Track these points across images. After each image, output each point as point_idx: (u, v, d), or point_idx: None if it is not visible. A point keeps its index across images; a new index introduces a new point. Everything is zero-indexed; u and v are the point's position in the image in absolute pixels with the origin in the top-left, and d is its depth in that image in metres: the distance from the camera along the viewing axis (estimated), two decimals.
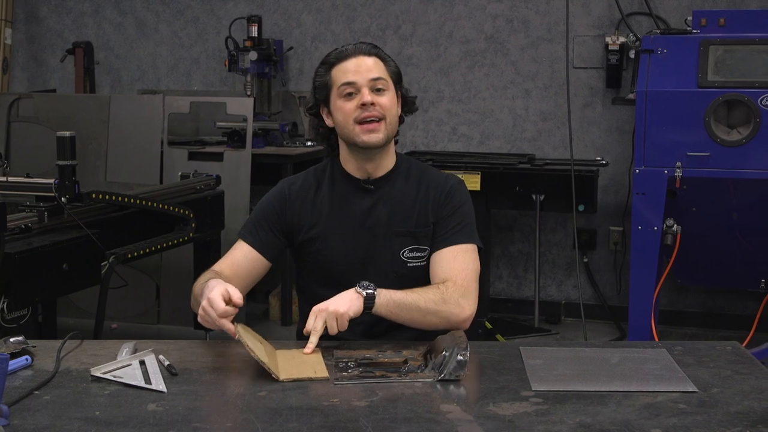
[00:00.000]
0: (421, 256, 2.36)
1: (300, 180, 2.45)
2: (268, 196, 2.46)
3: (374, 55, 2.35)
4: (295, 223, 2.39)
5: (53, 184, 3.36)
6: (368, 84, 2.30)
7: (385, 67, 2.35)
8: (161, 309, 5.05)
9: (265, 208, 2.42)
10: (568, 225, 5.23)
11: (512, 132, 5.38)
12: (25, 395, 1.79)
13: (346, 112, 2.32)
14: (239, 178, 4.93)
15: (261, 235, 2.38)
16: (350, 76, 2.31)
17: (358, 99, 2.30)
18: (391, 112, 2.33)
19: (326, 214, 2.38)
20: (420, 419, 1.69)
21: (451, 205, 2.37)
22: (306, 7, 5.64)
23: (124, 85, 6.01)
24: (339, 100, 2.33)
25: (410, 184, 2.40)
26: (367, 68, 2.32)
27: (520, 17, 5.31)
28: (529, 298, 5.32)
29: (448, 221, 2.35)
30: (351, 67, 2.32)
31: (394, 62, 2.41)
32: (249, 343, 1.93)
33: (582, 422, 1.68)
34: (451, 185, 2.40)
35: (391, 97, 2.34)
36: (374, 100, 2.30)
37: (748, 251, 4.41)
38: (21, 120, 5.31)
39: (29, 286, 3.06)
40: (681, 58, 4.20)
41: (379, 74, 2.32)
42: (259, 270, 2.40)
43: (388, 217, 2.36)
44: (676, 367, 1.99)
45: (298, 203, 2.40)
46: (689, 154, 4.12)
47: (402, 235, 2.35)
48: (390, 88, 2.34)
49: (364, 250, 2.35)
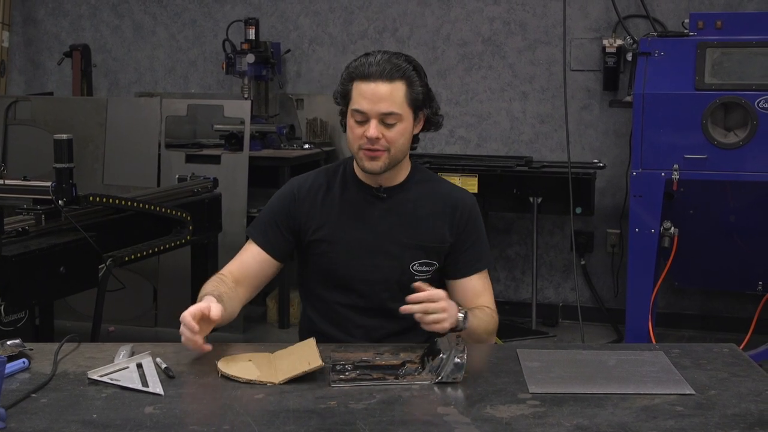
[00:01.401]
0: (429, 270, 2.36)
1: (310, 179, 2.42)
2: (278, 196, 2.43)
3: (398, 79, 2.25)
4: (303, 222, 2.37)
5: (50, 187, 3.35)
6: (378, 116, 2.24)
7: (406, 94, 2.26)
8: (158, 312, 5.04)
9: (275, 208, 2.40)
10: (566, 227, 5.23)
11: (509, 135, 5.38)
12: (22, 398, 1.79)
13: (353, 135, 2.29)
14: (237, 181, 4.92)
15: (270, 236, 2.36)
16: (363, 104, 2.24)
17: (366, 128, 2.25)
18: (397, 143, 2.28)
19: (335, 218, 2.36)
20: (417, 422, 1.69)
21: (473, 229, 2.39)
22: (303, 10, 5.64)
23: (121, 88, 6.01)
24: (351, 119, 2.29)
25: (424, 197, 2.39)
26: (381, 99, 2.23)
27: (517, 20, 5.31)
28: (527, 301, 5.32)
29: (474, 247, 2.38)
30: (367, 93, 2.24)
31: (422, 82, 2.31)
32: (232, 374, 1.92)
33: (579, 425, 1.68)
34: (471, 205, 2.41)
35: (400, 130, 2.27)
36: (381, 133, 2.25)
37: (746, 253, 4.41)
38: (18, 123, 5.31)
39: (26, 288, 3.05)
40: (678, 61, 4.21)
41: (392, 108, 2.24)
42: (270, 271, 2.38)
43: (400, 228, 2.35)
44: (674, 370, 1.99)
45: (307, 203, 2.37)
46: (686, 157, 4.12)
47: (413, 248, 2.34)
48: (403, 119, 2.27)
49: (371, 258, 2.34)
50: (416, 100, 2.29)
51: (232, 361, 2.00)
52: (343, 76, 2.32)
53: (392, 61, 2.26)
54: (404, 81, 2.26)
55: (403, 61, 2.29)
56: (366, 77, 2.25)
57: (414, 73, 2.29)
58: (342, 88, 2.31)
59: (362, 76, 2.25)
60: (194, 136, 5.57)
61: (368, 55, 2.30)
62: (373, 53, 2.30)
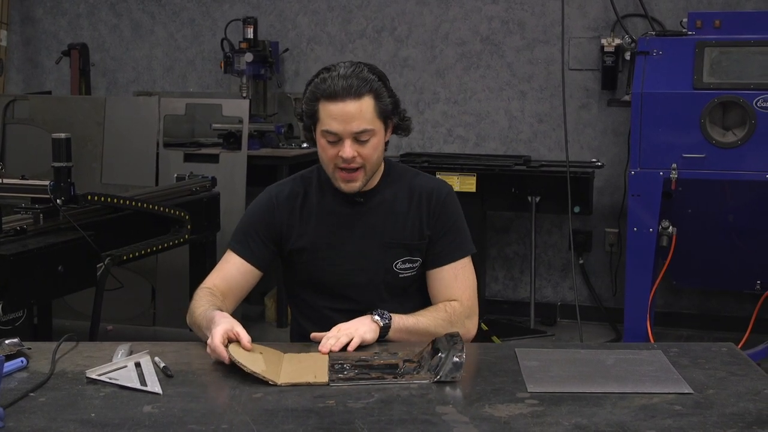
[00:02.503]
0: (413, 267, 2.35)
1: (287, 187, 2.39)
2: (256, 205, 2.40)
3: (365, 94, 2.20)
4: (284, 231, 2.35)
5: (49, 186, 3.35)
6: (351, 136, 2.20)
7: (375, 108, 2.22)
8: (157, 311, 5.04)
9: (253, 217, 2.37)
10: (564, 227, 5.23)
11: (508, 134, 5.38)
12: (21, 397, 1.79)
13: (327, 156, 2.26)
14: (235, 180, 4.92)
15: (252, 246, 2.33)
16: (334, 125, 2.20)
17: (339, 148, 2.22)
18: (372, 158, 2.25)
19: (314, 224, 2.35)
20: (416, 421, 1.69)
21: (446, 218, 2.35)
22: (302, 9, 5.64)
23: (119, 87, 6.01)
24: (322, 139, 2.25)
25: (402, 194, 2.37)
26: (351, 118, 2.19)
27: (515, 19, 5.31)
28: (525, 300, 5.32)
29: (446, 237, 2.35)
30: (336, 114, 2.19)
31: (389, 92, 2.26)
32: (240, 360, 1.92)
33: (577, 424, 1.68)
34: (445, 195, 2.37)
35: (374, 144, 2.24)
36: (356, 152, 2.22)
37: (744, 253, 4.41)
38: (16, 122, 5.30)
39: (24, 288, 3.05)
40: (676, 60, 4.21)
41: (364, 126, 2.20)
42: (252, 281, 2.36)
43: (381, 229, 2.34)
44: (672, 369, 1.99)
45: (286, 212, 2.35)
46: (684, 156, 4.13)
47: (395, 247, 2.34)
48: (376, 133, 2.24)
49: (354, 262, 2.34)
50: (385, 111, 2.26)
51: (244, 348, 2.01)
52: (307, 95, 2.26)
53: (357, 76, 2.20)
54: (372, 95, 2.22)
55: (368, 72, 2.23)
56: (332, 96, 2.19)
57: (380, 84, 2.24)
58: (307, 108, 2.26)
59: (328, 95, 2.20)
60: (192, 135, 5.57)
61: (329, 70, 2.24)
62: (335, 67, 2.24)
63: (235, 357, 1.93)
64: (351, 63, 2.26)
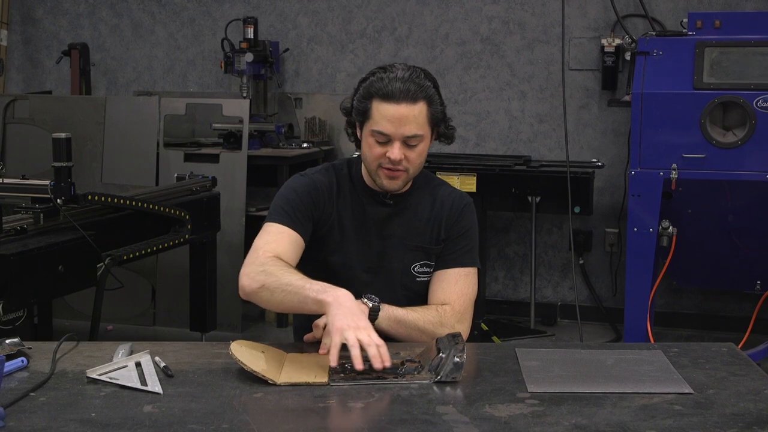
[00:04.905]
0: (429, 271, 2.37)
1: (322, 175, 2.37)
2: (297, 185, 2.34)
3: (420, 99, 2.20)
4: (322, 217, 2.33)
5: (49, 186, 3.35)
6: (401, 138, 2.20)
7: (428, 114, 2.23)
8: (157, 310, 5.04)
9: (299, 196, 2.31)
10: (564, 227, 5.23)
11: (508, 134, 5.39)
12: (21, 397, 1.79)
13: (373, 154, 2.25)
14: (235, 180, 4.92)
15: (302, 220, 2.28)
16: (387, 126, 2.20)
17: (388, 149, 2.22)
18: (416, 162, 2.27)
19: (343, 217, 2.35)
20: (416, 421, 1.69)
21: (461, 225, 2.37)
22: (302, 9, 5.64)
23: (119, 87, 6.01)
24: (370, 137, 2.24)
25: (426, 200, 2.39)
26: (405, 121, 2.19)
27: (515, 19, 5.31)
28: (525, 300, 5.32)
29: (457, 242, 2.36)
30: (390, 115, 2.19)
31: (441, 100, 2.27)
32: (241, 358, 1.92)
33: (578, 423, 1.68)
34: (464, 205, 2.40)
35: (421, 150, 2.25)
36: (404, 155, 2.23)
37: (744, 253, 4.41)
38: (17, 122, 5.31)
39: (25, 287, 3.05)
40: (676, 60, 4.21)
41: (416, 131, 2.21)
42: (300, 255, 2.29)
43: (404, 231, 2.36)
44: (672, 369, 1.99)
45: (324, 197, 2.33)
46: (685, 156, 4.13)
47: (415, 250, 2.35)
48: (424, 138, 2.24)
49: (374, 260, 2.35)
50: (435, 119, 2.27)
51: (246, 346, 2.01)
52: (360, 91, 2.26)
53: (415, 81, 2.21)
54: (426, 101, 2.22)
55: (424, 79, 2.24)
56: (388, 97, 2.19)
57: (434, 91, 2.25)
58: (359, 104, 2.25)
59: (384, 95, 2.20)
60: (193, 135, 5.57)
61: (386, 70, 2.24)
62: (392, 68, 2.24)
63: (236, 355, 1.93)
64: (408, 66, 2.26)
